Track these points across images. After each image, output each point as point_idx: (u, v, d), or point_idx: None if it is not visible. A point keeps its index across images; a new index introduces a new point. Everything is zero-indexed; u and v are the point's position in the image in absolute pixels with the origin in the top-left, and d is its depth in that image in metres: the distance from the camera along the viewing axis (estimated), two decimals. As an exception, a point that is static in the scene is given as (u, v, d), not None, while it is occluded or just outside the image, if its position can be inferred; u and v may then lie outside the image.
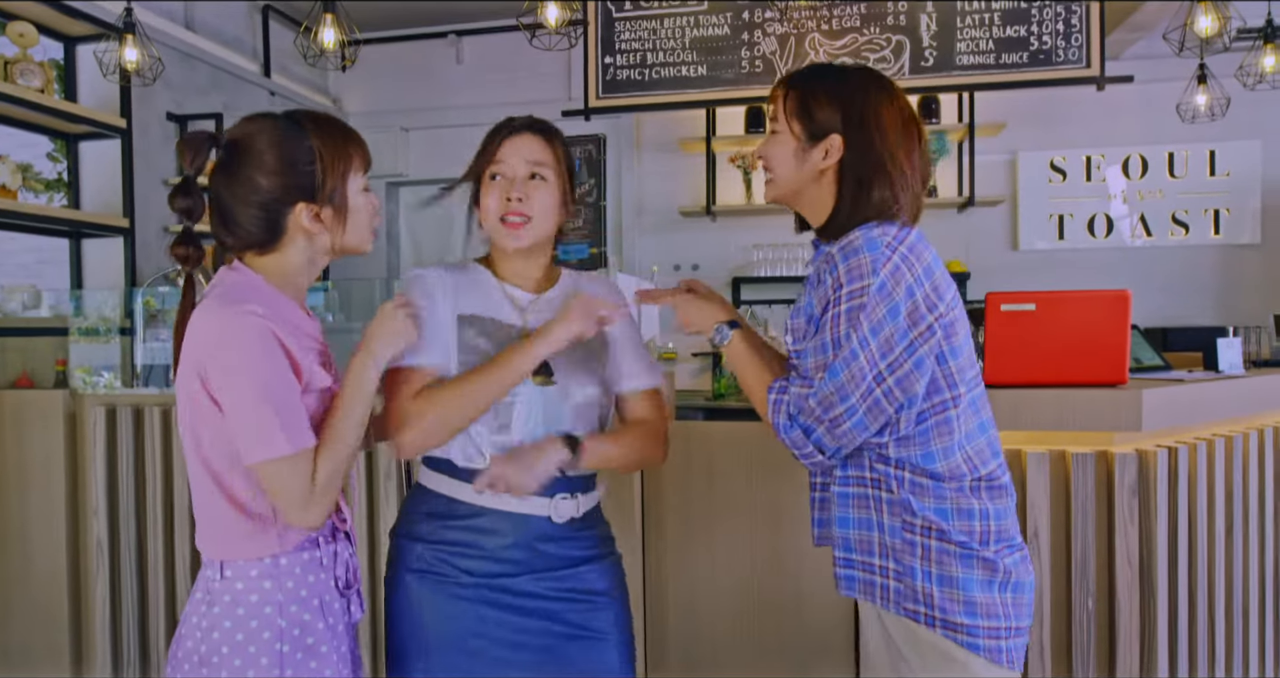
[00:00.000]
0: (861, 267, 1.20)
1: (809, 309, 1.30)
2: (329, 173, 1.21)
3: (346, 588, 1.29)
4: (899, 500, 1.26)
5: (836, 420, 1.24)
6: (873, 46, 3.86)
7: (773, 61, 3.97)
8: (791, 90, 1.32)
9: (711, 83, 4.02)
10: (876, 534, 1.28)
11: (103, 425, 2.42)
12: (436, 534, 1.35)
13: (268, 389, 1.13)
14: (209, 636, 1.18)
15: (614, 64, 4.09)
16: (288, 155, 1.19)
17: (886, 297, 1.20)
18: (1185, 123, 4.10)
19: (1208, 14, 3.11)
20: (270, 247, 1.23)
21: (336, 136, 1.24)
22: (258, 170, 1.19)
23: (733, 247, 4.93)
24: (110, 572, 2.42)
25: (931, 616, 1.24)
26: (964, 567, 1.23)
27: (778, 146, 1.33)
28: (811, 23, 3.91)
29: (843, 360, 1.21)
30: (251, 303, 1.16)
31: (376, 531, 2.31)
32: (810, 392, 1.24)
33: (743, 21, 3.97)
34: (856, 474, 1.31)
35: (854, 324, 1.20)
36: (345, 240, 1.26)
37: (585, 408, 1.38)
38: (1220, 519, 2.31)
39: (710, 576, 2.21)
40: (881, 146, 1.27)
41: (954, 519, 1.25)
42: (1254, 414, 2.52)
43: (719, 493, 2.21)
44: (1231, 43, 3.30)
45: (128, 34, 3.42)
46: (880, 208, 1.27)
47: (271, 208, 1.20)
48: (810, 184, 1.31)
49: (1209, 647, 2.28)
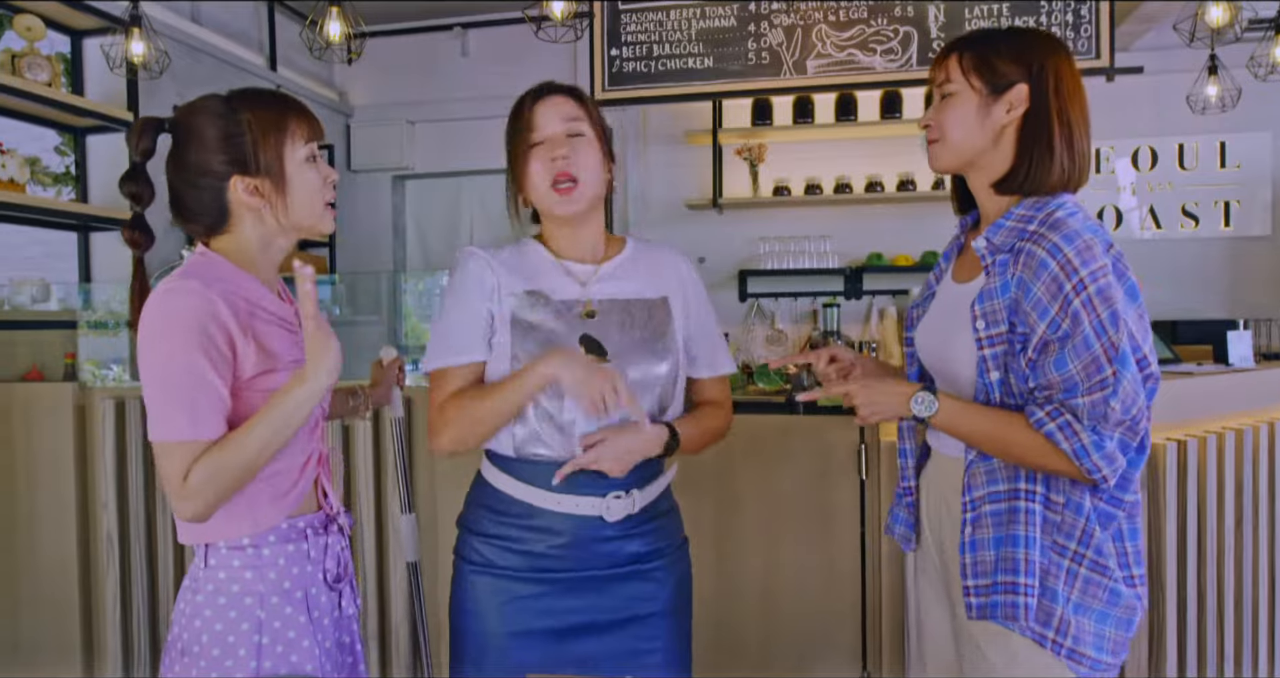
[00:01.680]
0: (1092, 247, 1.12)
1: (1006, 292, 1.17)
2: (260, 143, 1.19)
3: (336, 581, 1.28)
4: (1054, 520, 1.18)
5: (1138, 416, 1.13)
6: (880, 38, 3.83)
7: (779, 53, 3.95)
8: (966, 49, 1.26)
9: (718, 75, 4.00)
10: (1024, 551, 1.18)
11: (112, 418, 2.43)
12: (491, 528, 1.34)
13: (175, 369, 1.10)
14: (191, 624, 1.18)
15: (620, 56, 4.07)
16: (221, 130, 1.19)
17: (1121, 277, 1.14)
18: (1196, 114, 4.07)
19: (1219, 4, 3.08)
20: (221, 227, 1.22)
21: (271, 108, 1.22)
22: (196, 148, 1.19)
23: (739, 239, 4.92)
24: (120, 565, 2.44)
25: (1060, 642, 1.17)
26: (1108, 597, 1.18)
27: (954, 108, 1.25)
28: (818, 14, 3.89)
29: (1123, 349, 1.10)
30: (194, 280, 1.14)
31: (384, 521, 2.32)
32: (1108, 393, 1.10)
33: (749, 13, 3.95)
34: (1008, 488, 1.21)
35: (1111, 307, 1.10)
36: (292, 216, 1.22)
37: (641, 388, 1.32)
38: (1230, 513, 2.30)
39: (717, 572, 2.21)
40: (1066, 100, 1.21)
41: (1110, 543, 1.19)
42: (1264, 408, 2.51)
43: (727, 489, 2.21)
44: (1243, 33, 3.27)
45: (134, 28, 3.42)
46: (1062, 170, 1.21)
47: (211, 186, 1.20)
48: (989, 146, 1.24)
49: (1218, 642, 2.27)
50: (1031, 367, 1.16)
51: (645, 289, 1.37)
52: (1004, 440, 1.17)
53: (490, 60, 5.29)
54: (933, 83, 1.30)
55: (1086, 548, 1.17)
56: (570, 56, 4.87)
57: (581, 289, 1.34)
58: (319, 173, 1.25)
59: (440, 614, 2.32)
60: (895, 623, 2.07)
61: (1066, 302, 1.11)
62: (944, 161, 1.29)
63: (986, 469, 1.22)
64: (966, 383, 1.24)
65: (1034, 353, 1.15)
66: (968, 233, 1.37)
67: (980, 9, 3.72)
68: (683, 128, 4.89)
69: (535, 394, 1.27)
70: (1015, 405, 1.19)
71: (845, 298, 4.77)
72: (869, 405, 1.25)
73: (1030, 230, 1.18)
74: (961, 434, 1.21)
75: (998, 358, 1.19)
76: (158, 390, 1.12)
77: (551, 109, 1.33)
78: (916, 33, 3.80)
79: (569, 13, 3.10)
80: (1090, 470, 1.12)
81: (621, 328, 1.32)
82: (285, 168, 1.21)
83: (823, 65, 3.93)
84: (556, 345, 1.28)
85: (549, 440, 1.30)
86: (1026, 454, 1.16)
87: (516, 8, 3.31)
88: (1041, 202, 1.21)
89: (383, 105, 5.45)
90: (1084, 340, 1.10)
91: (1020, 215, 1.21)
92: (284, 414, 1.12)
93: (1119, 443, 1.13)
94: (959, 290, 1.29)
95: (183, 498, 1.11)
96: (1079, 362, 1.11)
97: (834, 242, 4.68)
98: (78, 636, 2.47)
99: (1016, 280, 1.16)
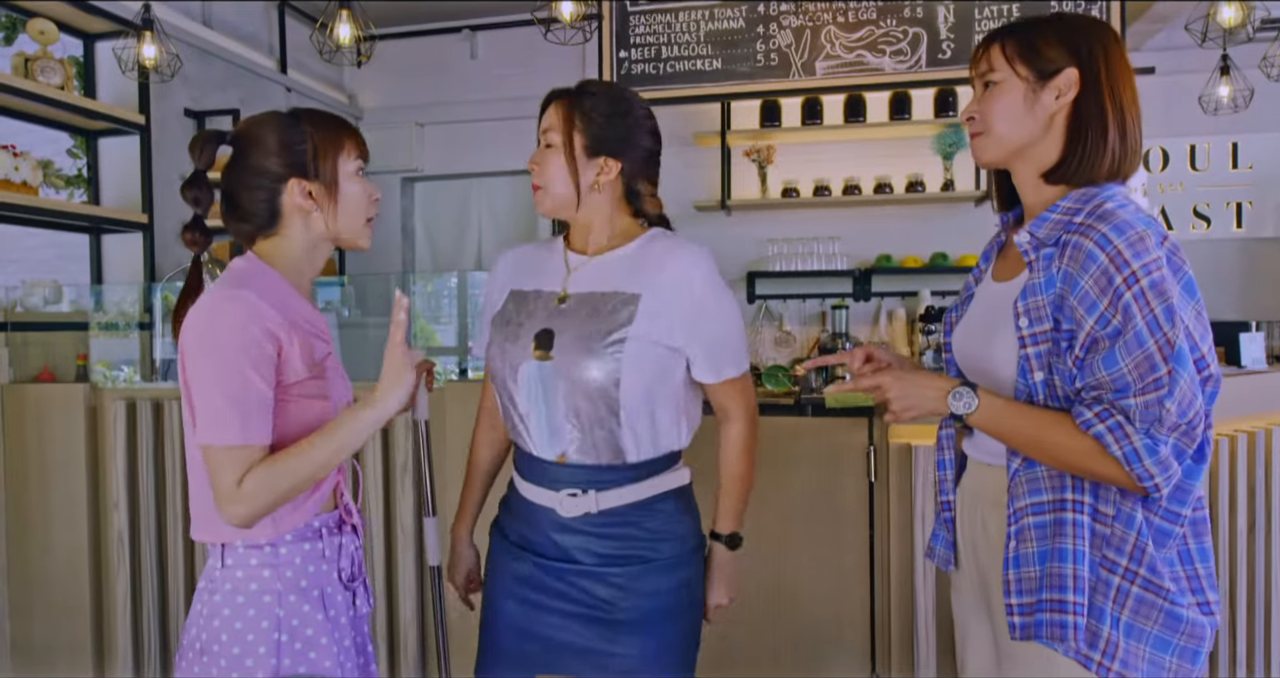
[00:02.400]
0: (1144, 239, 1.05)
1: (1051, 287, 1.10)
2: (319, 153, 1.27)
3: (351, 581, 1.30)
4: (1103, 533, 1.10)
5: (1195, 420, 1.05)
6: (889, 39, 3.82)
7: (788, 55, 3.94)
8: (1009, 37, 1.19)
9: (727, 76, 4.00)
10: (1071, 566, 1.09)
11: (123, 419, 2.44)
12: (502, 520, 1.49)
13: (229, 376, 1.14)
14: (209, 623, 1.19)
15: (629, 58, 4.08)
16: (283, 137, 1.27)
17: (1178, 272, 1.07)
18: (1208, 115, 4.04)
19: (1231, 4, 3.06)
20: (271, 229, 1.29)
21: (329, 124, 1.31)
22: (257, 153, 1.27)
23: (748, 241, 4.91)
24: (131, 566, 2.45)
25: (1107, 667, 1.09)
26: (1165, 620, 1.09)
27: (999, 98, 1.18)
28: (827, 15, 3.89)
29: (1179, 347, 1.03)
30: (247, 288, 1.19)
31: (393, 523, 2.33)
32: (1163, 394, 1.03)
33: (757, 14, 3.95)
34: (1053, 498, 1.13)
35: (1166, 302, 1.03)
36: (339, 225, 1.29)
37: (580, 383, 1.30)
38: (1243, 517, 2.28)
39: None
40: (1119, 83, 1.15)
41: (1174, 564, 1.11)
42: (1277, 410, 2.49)
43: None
44: (1255, 33, 3.25)
45: (146, 31, 3.45)
46: (1114, 157, 1.15)
47: (268, 187, 1.27)
48: (1038, 136, 1.17)
49: (1230, 647, 2.26)
50: (1079, 366, 1.08)
51: (626, 284, 1.33)
52: (1048, 442, 1.09)
53: (499, 62, 5.30)
54: (975, 75, 1.23)
55: (1139, 565, 1.08)
56: (579, 58, 4.88)
57: (562, 279, 1.39)
58: (364, 188, 1.32)
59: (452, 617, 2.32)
60: (904, 625, 2.06)
61: (1117, 295, 1.04)
62: (991, 154, 1.21)
63: (1029, 478, 1.14)
64: (1007, 386, 1.17)
65: (1081, 351, 1.07)
66: (1009, 230, 1.30)
67: (990, 9, 3.71)
68: (691, 129, 4.89)
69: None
70: (1060, 409, 1.12)
71: (854, 300, 4.76)
72: (903, 399, 1.16)
73: (1077, 222, 1.11)
74: (1002, 434, 1.13)
75: (1041, 357, 1.12)
76: (211, 396, 1.15)
77: (545, 118, 1.40)
78: (926, 34, 3.79)
79: (578, 14, 3.10)
80: (1141, 477, 1.04)
81: (584, 320, 1.31)
82: (338, 177, 1.28)
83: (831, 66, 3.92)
84: (516, 336, 1.37)
85: (519, 430, 1.40)
86: (1072, 458, 1.07)
87: (525, 10, 3.32)
88: (1089, 193, 1.14)
89: (392, 108, 5.47)
90: (1136, 337, 1.03)
91: (1066, 207, 1.14)
92: (349, 434, 1.19)
93: (1173, 449, 1.04)
94: (1000, 289, 1.23)
95: (234, 502, 1.14)
96: (1131, 359, 1.03)
97: (843, 243, 4.67)
98: (89, 636, 2.49)
99: (1062, 274, 1.09)
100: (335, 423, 1.20)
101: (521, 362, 1.34)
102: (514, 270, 1.46)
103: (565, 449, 1.34)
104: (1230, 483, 2.23)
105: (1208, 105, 3.98)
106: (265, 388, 1.16)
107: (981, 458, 1.27)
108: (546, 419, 1.33)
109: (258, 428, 1.15)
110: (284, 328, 1.19)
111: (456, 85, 5.36)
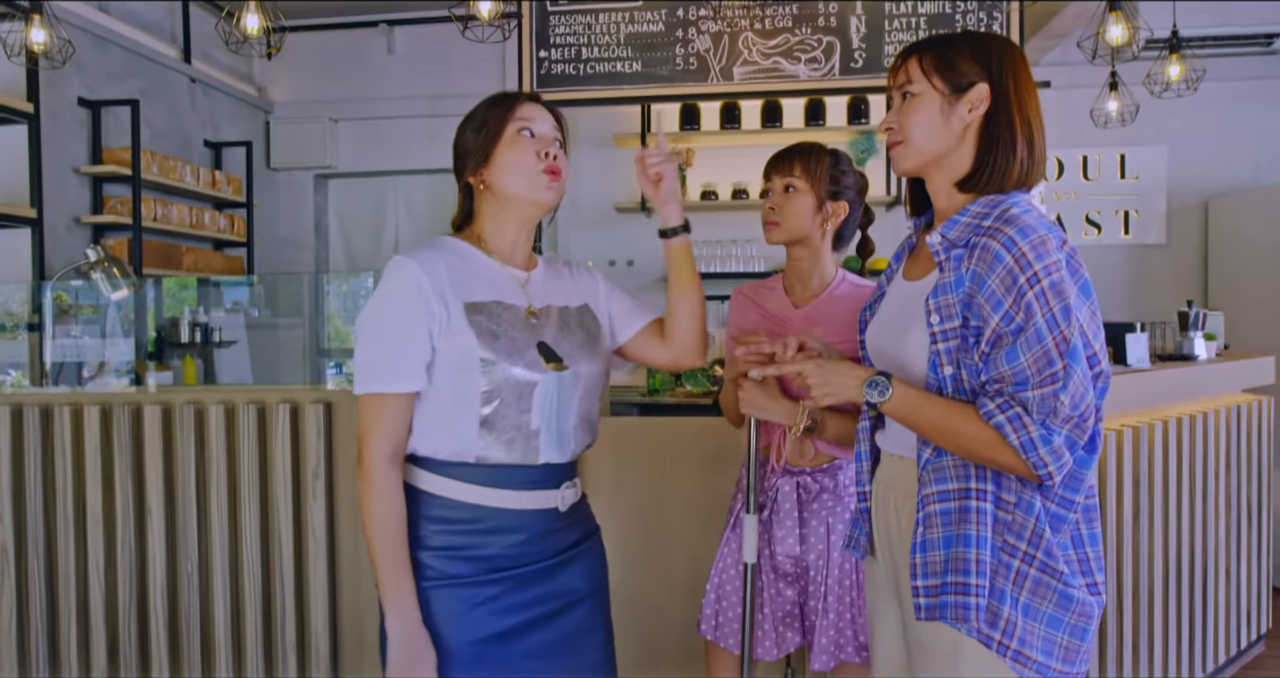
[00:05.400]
0: (1046, 242, 1.13)
1: (960, 286, 1.17)
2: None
3: None
4: (1005, 520, 1.16)
5: (1086, 413, 1.12)
6: (804, 47, 3.92)
7: (706, 59, 4.00)
8: (926, 51, 1.26)
9: (647, 79, 4.03)
10: (975, 551, 1.15)
11: (8, 426, 2.30)
12: (437, 540, 1.30)
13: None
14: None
15: (549, 58, 4.06)
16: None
17: (1075, 274, 1.15)
18: (1098, 127, 4.28)
19: (1118, 24, 3.25)
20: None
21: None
22: None
23: (668, 243, 4.95)
24: (17, 579, 2.31)
25: (1007, 645, 1.15)
26: (1058, 600, 1.16)
27: (917, 109, 1.25)
28: (745, 21, 3.96)
29: (1074, 344, 1.10)
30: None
31: (304, 530, 2.26)
32: (1058, 387, 1.09)
33: (677, 18, 3.99)
34: (958, 487, 1.19)
35: (1064, 301, 1.11)
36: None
37: (594, 386, 1.39)
38: (1128, 507, 2.42)
39: (646, 572, 2.22)
40: (1024, 98, 1.23)
41: (1068, 548, 1.18)
42: (1161, 405, 2.65)
43: (654, 489, 2.23)
44: (1140, 52, 3.46)
45: (35, 14, 3.25)
46: (1022, 168, 1.22)
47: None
48: (953, 146, 1.24)
49: (1117, 632, 2.39)
50: (984, 360, 1.15)
51: (570, 298, 1.45)
52: (955, 431, 1.16)
53: (417, 59, 5.20)
54: (893, 85, 1.30)
55: (1036, 549, 1.15)
56: (499, 58, 4.84)
57: (523, 293, 1.38)
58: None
59: (352, 621, 2.27)
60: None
61: (1020, 294, 1.11)
62: (909, 163, 1.28)
63: (937, 468, 1.20)
64: (919, 379, 1.23)
65: (986, 346, 1.14)
66: (920, 233, 1.38)
67: (899, 22, 3.84)
68: (611, 131, 4.90)
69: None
70: (967, 401, 1.18)
71: (771, 301, 4.85)
72: (823, 386, 1.25)
73: (986, 225, 1.18)
74: (913, 423, 1.20)
75: (951, 353, 1.18)
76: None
77: (541, 113, 1.40)
78: (839, 43, 3.90)
79: (496, 13, 3.07)
80: (1036, 465, 1.11)
81: (560, 332, 1.37)
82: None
83: (749, 72, 3.99)
84: (518, 351, 1.29)
85: (518, 446, 1.30)
86: (975, 446, 1.14)
87: (444, 6, 3.27)
88: (997, 199, 1.22)
89: (304, 102, 5.31)
90: (1036, 333, 1.10)
91: (976, 212, 1.21)
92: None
93: (1066, 439, 1.11)
94: (911, 288, 1.30)
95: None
96: (1030, 354, 1.11)
97: (759, 245, 4.76)
98: (-30, 656, 2.33)
99: (971, 274, 1.16)
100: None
101: (539, 375, 1.29)
102: (447, 279, 1.29)
103: (574, 449, 1.37)
104: (1117, 474, 2.36)
105: (1098, 119, 4.21)
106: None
107: (893, 450, 1.33)
108: (557, 428, 1.33)
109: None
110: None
111: (373, 81, 5.24)
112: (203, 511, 2.29)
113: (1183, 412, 2.66)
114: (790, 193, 1.70)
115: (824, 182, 1.70)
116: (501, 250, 1.39)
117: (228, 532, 2.28)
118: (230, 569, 2.28)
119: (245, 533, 2.26)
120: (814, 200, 1.69)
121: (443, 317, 1.27)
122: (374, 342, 1.28)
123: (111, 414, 2.30)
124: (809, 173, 1.70)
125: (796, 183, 1.70)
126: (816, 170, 1.70)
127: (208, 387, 2.86)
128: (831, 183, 1.71)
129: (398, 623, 1.26)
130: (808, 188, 1.69)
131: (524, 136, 1.36)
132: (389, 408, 1.28)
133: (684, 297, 1.49)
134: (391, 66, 5.23)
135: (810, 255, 1.73)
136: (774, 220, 1.71)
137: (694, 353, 1.49)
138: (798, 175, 1.70)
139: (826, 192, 1.70)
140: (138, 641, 2.31)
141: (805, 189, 1.69)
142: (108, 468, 2.30)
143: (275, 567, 2.26)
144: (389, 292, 1.28)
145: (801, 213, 1.69)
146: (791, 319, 1.74)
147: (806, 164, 1.70)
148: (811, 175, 1.69)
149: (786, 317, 1.75)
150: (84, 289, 3.03)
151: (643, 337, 1.51)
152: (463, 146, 1.39)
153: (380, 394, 1.28)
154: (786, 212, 1.70)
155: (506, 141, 1.35)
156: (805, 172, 1.70)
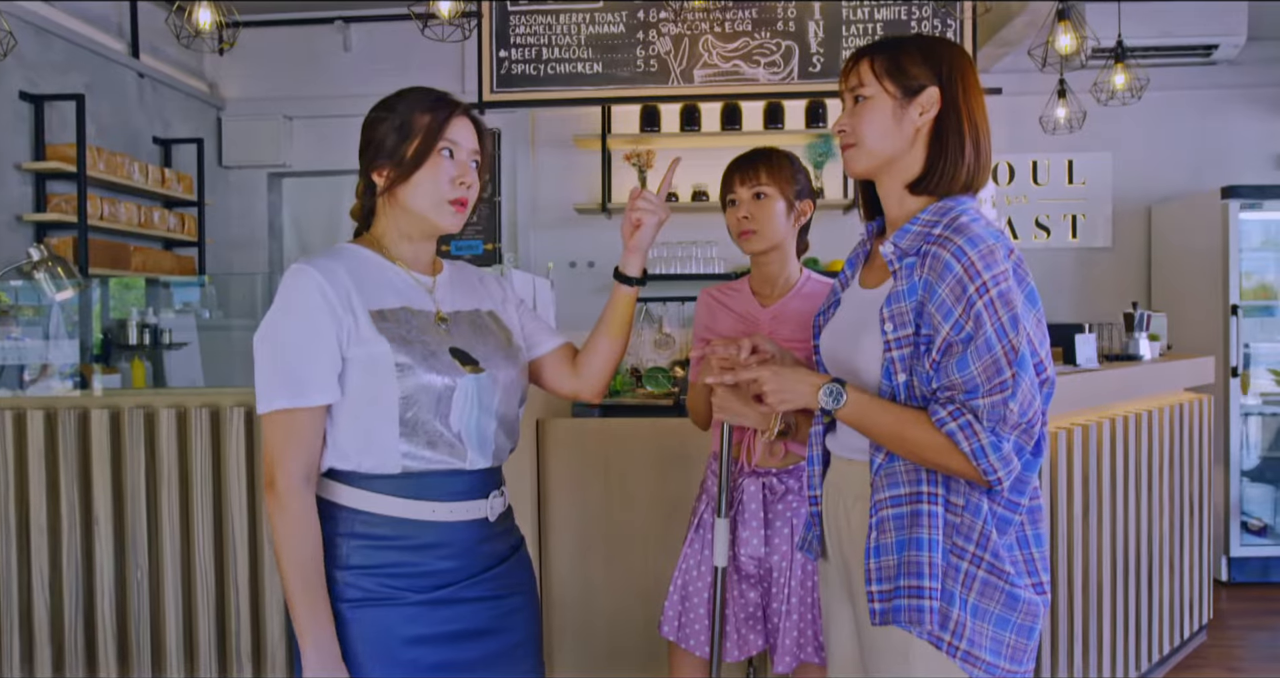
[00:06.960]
0: (994, 252, 1.15)
1: (913, 294, 1.19)
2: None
3: None
4: (954, 523, 1.19)
5: (1033, 419, 1.15)
6: (764, 51, 3.96)
7: (667, 61, 4.01)
8: (877, 54, 1.27)
9: (607, 80, 4.04)
10: (927, 554, 1.17)
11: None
12: (363, 559, 1.23)
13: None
14: None
15: (509, 58, 4.04)
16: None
17: (1021, 282, 1.17)
18: (1047, 134, 4.39)
19: (1067, 33, 3.35)
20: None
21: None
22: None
23: (628, 244, 4.95)
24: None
25: (956, 645, 1.17)
26: (1005, 601, 1.18)
27: (869, 112, 1.26)
28: (705, 24, 3.98)
29: (1022, 353, 1.13)
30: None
31: (258, 539, 2.22)
32: (1007, 395, 1.12)
33: (638, 20, 4.00)
34: (909, 491, 1.20)
35: (1011, 311, 1.13)
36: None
37: (512, 390, 1.36)
38: (1078, 503, 2.48)
39: (606, 573, 2.22)
40: (972, 102, 1.25)
41: (1013, 549, 1.20)
42: (1107, 404, 2.73)
43: (615, 490, 2.23)
44: (1088, 61, 3.56)
45: (-27, 5, 3.14)
46: (969, 171, 1.25)
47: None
48: (904, 149, 1.26)
49: (1068, 627, 2.45)
50: (935, 368, 1.17)
51: (480, 302, 1.41)
52: (906, 438, 1.18)
53: (374, 57, 5.14)
54: (845, 88, 1.31)
55: (984, 551, 1.17)
56: (458, 57, 4.79)
57: (430, 298, 1.33)
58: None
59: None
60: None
61: (970, 304, 1.13)
62: (861, 165, 1.29)
63: (889, 473, 1.22)
64: (872, 386, 1.25)
65: (938, 354, 1.16)
66: (874, 239, 1.39)
67: (856, 28, 3.90)
68: (571, 132, 4.89)
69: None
70: (919, 408, 1.20)
71: (731, 302, 4.89)
72: (778, 392, 1.26)
73: (935, 234, 1.20)
74: (867, 429, 1.22)
75: (904, 360, 1.20)
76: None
77: (468, 132, 1.33)
78: (798, 47, 3.94)
79: (456, 11, 3.05)
80: (986, 471, 1.13)
81: (475, 336, 1.33)
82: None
83: (709, 75, 4.02)
84: (432, 354, 1.25)
85: (441, 451, 1.25)
86: (927, 453, 1.16)
87: (401, 4, 3.23)
88: (945, 207, 1.23)
89: (258, 99, 5.21)
90: (986, 342, 1.13)
91: (926, 220, 1.23)
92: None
93: (1015, 445, 1.14)
94: (867, 296, 1.31)
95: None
96: (980, 363, 1.13)
97: (719, 247, 4.79)
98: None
99: (923, 282, 1.18)
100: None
101: (455, 379, 1.25)
102: (352, 285, 1.24)
103: (496, 452, 1.33)
104: (1067, 471, 2.43)
105: (1047, 125, 4.33)
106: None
107: (843, 454, 1.34)
108: (478, 432, 1.28)
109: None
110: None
111: (328, 78, 5.16)
112: (153, 517, 2.23)
113: (1128, 410, 2.75)
114: (761, 199, 1.71)
115: (790, 183, 1.72)
116: (404, 256, 1.33)
117: (179, 539, 2.22)
118: (183, 578, 2.23)
119: (198, 540, 2.21)
120: (784, 203, 1.72)
121: (350, 325, 1.21)
122: (278, 354, 1.21)
123: (56, 419, 2.23)
124: (775, 177, 1.72)
125: (765, 189, 1.71)
126: (781, 173, 1.72)
127: (158, 390, 2.78)
128: (795, 183, 1.73)
129: (316, 659, 1.18)
130: (776, 192, 1.71)
131: (443, 158, 1.29)
132: (301, 424, 1.20)
133: (613, 340, 1.46)
134: (348, 64, 5.16)
135: (780, 258, 1.76)
136: (750, 229, 1.72)
137: (600, 391, 1.48)
138: (765, 182, 1.71)
139: (793, 192, 1.73)
140: (84, 651, 2.24)
141: (775, 193, 1.71)
142: (53, 475, 2.24)
143: (230, 574, 2.21)
144: (290, 300, 1.21)
145: (776, 217, 1.71)
146: (760, 319, 1.76)
147: (771, 168, 1.72)
148: (778, 179, 1.72)
149: (755, 316, 1.76)
150: (25, 290, 2.93)
151: (552, 359, 1.47)
152: (377, 139, 1.31)
153: (290, 409, 1.19)
154: (762, 218, 1.71)
155: (428, 162, 1.28)
156: (771, 176, 1.72)
